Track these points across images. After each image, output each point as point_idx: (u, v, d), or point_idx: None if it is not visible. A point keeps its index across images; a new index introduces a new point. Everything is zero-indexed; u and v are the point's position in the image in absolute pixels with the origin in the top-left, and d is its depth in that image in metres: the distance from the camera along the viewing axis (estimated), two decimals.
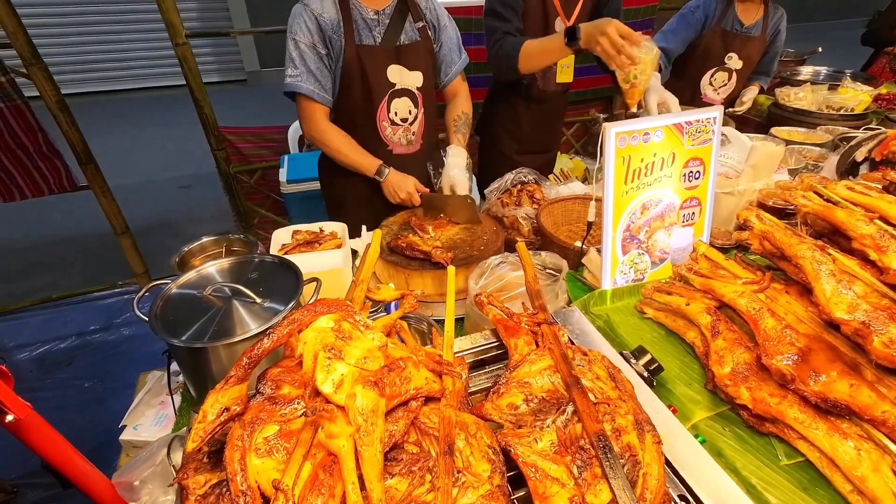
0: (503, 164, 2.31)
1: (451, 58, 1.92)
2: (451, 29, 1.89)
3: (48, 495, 2.11)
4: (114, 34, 6.91)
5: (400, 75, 1.77)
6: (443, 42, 1.87)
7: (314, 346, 0.67)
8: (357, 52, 1.67)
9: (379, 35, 1.70)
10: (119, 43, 6.99)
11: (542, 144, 2.42)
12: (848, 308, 0.83)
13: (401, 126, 1.86)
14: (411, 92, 1.81)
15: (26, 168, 2.59)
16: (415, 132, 1.90)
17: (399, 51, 1.74)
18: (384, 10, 1.70)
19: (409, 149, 1.92)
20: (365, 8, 1.67)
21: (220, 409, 0.60)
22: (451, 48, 1.90)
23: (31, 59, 2.34)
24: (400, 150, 1.90)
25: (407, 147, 1.91)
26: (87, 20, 6.74)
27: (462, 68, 1.96)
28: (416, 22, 1.77)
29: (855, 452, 0.77)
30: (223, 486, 0.60)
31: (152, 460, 0.87)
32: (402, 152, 1.90)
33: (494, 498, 0.61)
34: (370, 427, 0.60)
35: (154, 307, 1.09)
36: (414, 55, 1.78)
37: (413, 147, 1.92)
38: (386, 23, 1.71)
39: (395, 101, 1.80)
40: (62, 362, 2.81)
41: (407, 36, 1.76)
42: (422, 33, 1.78)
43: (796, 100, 3.01)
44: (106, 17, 6.79)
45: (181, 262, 1.44)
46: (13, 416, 0.70)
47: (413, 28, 1.77)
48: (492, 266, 1.32)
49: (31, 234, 3.95)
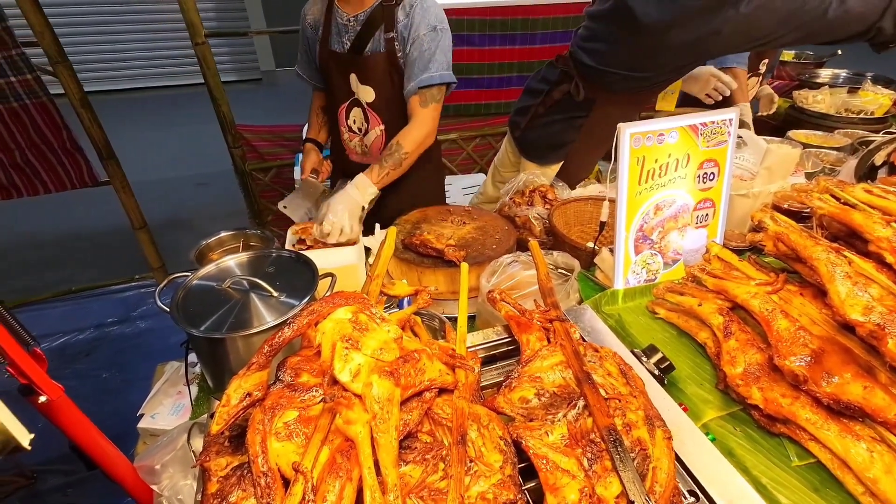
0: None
1: (410, 72, 1.66)
2: (427, 41, 1.62)
3: (67, 481, 2.17)
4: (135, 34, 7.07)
5: (356, 86, 1.77)
6: (409, 54, 1.65)
7: (332, 336, 0.69)
8: (327, 56, 1.74)
9: (348, 42, 1.69)
10: (140, 42, 7.14)
11: None
12: (863, 310, 0.83)
13: (356, 135, 1.89)
14: (363, 105, 1.80)
15: (50, 163, 2.67)
16: (368, 144, 1.89)
17: (360, 61, 1.70)
18: (357, 16, 1.66)
19: (365, 159, 1.93)
20: (341, 13, 1.67)
21: (242, 394, 0.62)
22: (413, 61, 1.64)
23: (56, 58, 2.41)
24: (356, 157, 1.95)
25: (362, 156, 1.93)
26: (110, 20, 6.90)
27: (418, 87, 1.64)
28: (388, 32, 1.65)
29: (867, 454, 0.77)
30: (244, 468, 0.62)
31: (173, 445, 0.89)
32: (358, 160, 1.94)
33: (505, 487, 0.62)
34: (386, 415, 0.61)
35: (175, 298, 1.12)
36: (370, 68, 1.70)
37: (368, 158, 1.92)
38: (357, 30, 1.67)
39: (353, 109, 1.83)
40: (81, 353, 2.89)
41: (373, 46, 1.67)
42: (388, 45, 1.66)
43: (814, 103, 2.97)
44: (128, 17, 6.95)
45: (199, 256, 1.48)
46: (46, 397, 0.73)
47: (381, 38, 1.66)
48: (504, 265, 1.33)
49: (54, 227, 4.05)
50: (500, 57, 3.12)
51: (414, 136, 1.68)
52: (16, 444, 0.61)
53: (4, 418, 0.57)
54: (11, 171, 2.61)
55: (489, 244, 1.53)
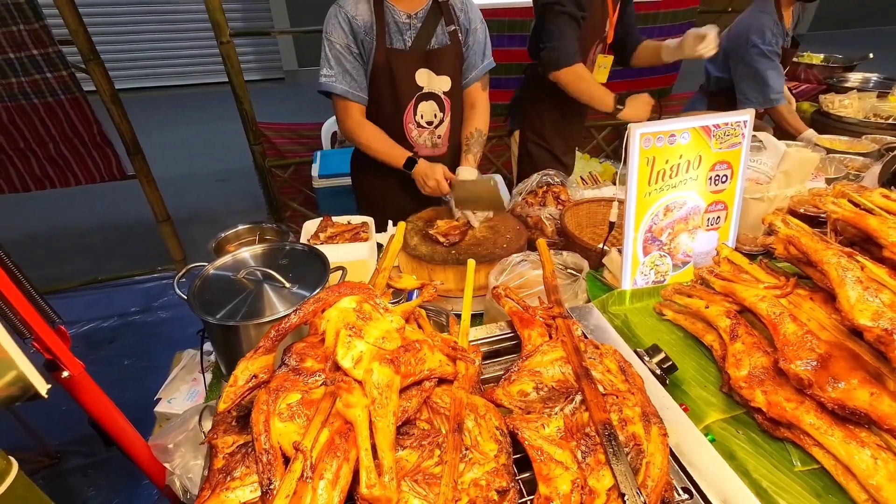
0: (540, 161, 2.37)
1: (474, 60, 1.89)
2: (481, 32, 1.87)
3: (88, 462, 2.26)
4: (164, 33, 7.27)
5: (428, 79, 1.80)
6: (469, 44, 1.86)
7: (336, 324, 0.72)
8: (387, 56, 1.71)
9: (410, 39, 1.74)
10: (168, 42, 7.35)
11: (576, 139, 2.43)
12: (873, 315, 0.82)
13: (426, 129, 1.89)
14: (438, 96, 1.84)
15: (81, 156, 2.78)
16: (440, 135, 1.93)
17: (429, 55, 1.77)
18: (416, 13, 1.72)
19: (435, 151, 1.95)
20: (398, 11, 1.70)
21: (249, 376, 0.65)
22: (475, 51, 1.87)
23: (89, 55, 2.51)
24: (425, 152, 1.94)
25: (432, 150, 1.95)
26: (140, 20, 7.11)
27: (483, 74, 1.92)
28: (448, 25, 1.78)
29: (872, 461, 0.75)
30: (248, 446, 0.65)
31: (185, 426, 0.93)
32: (428, 154, 1.93)
33: (499, 475, 0.63)
34: (385, 400, 0.63)
35: (192, 287, 1.16)
36: (443, 60, 1.80)
37: (439, 150, 1.96)
38: (418, 26, 1.73)
39: (421, 104, 1.83)
40: (105, 340, 2.99)
41: (438, 40, 1.78)
42: (452, 37, 1.80)
43: (841, 107, 2.89)
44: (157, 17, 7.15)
45: (217, 248, 1.53)
46: (68, 372, 0.78)
47: (444, 32, 1.78)
48: (513, 263, 1.34)
49: (83, 218, 4.21)
50: (518, 58, 3.13)
51: (486, 118, 1.94)
52: (34, 392, 0.65)
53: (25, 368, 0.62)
54: (46, 163, 2.73)
55: (500, 243, 1.54)
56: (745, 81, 2.70)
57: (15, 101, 2.48)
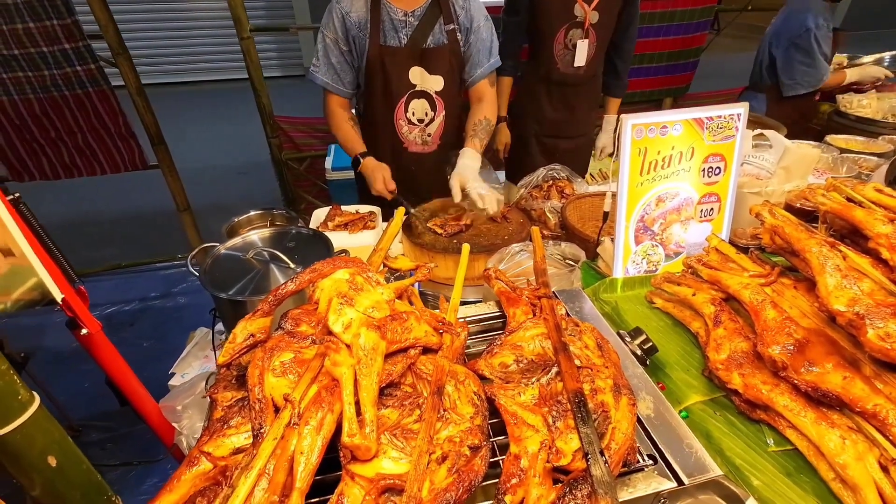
0: (526, 146, 2.41)
1: (478, 59, 1.88)
2: (486, 30, 1.85)
3: (107, 436, 2.38)
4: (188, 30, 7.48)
5: (421, 77, 1.82)
6: (472, 43, 1.84)
7: (329, 292, 0.77)
8: (379, 52, 1.75)
9: (405, 36, 1.75)
10: (192, 38, 7.56)
11: (567, 129, 2.41)
12: (848, 301, 0.84)
13: (417, 126, 1.93)
14: (430, 95, 1.86)
15: (107, 147, 2.91)
16: (430, 133, 1.95)
17: (424, 53, 1.78)
18: (414, 11, 1.73)
19: (425, 148, 1.98)
20: (394, 9, 1.72)
21: (247, 335, 0.71)
22: (479, 49, 1.86)
23: (118, 50, 2.64)
24: (415, 148, 1.98)
25: (422, 146, 1.98)
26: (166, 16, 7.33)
27: (489, 72, 1.91)
28: (447, 24, 1.77)
29: (840, 441, 0.78)
30: (244, 400, 0.71)
31: (193, 390, 1.00)
32: (418, 151, 1.98)
33: (473, 434, 0.68)
34: (370, 361, 0.69)
35: (204, 265, 1.24)
36: (438, 59, 1.80)
37: (429, 147, 1.98)
38: (415, 24, 1.74)
39: (413, 101, 1.86)
40: (126, 323, 3.13)
41: (434, 38, 1.78)
42: (450, 36, 1.79)
43: (859, 107, 2.84)
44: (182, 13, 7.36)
45: (230, 231, 1.61)
46: (87, 329, 0.85)
47: (442, 30, 1.78)
48: (512, 253, 1.38)
49: (106, 207, 4.38)
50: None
51: (494, 109, 1.98)
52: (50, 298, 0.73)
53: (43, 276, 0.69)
54: (74, 152, 2.87)
55: (502, 234, 1.58)
56: (797, 66, 2.76)
57: (47, 92, 2.62)
